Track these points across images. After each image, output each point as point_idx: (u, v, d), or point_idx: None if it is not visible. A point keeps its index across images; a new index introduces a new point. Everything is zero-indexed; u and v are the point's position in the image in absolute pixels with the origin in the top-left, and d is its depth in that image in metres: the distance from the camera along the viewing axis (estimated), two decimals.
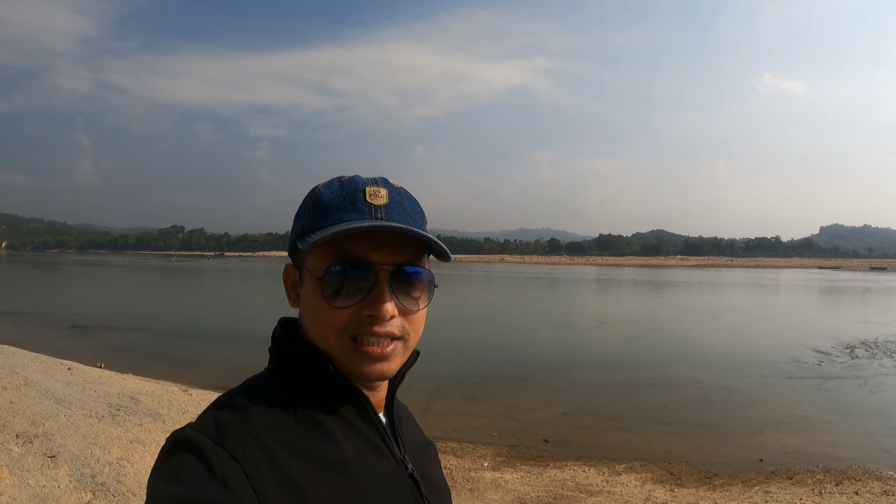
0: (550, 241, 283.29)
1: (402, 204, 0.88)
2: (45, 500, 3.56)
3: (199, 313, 24.76)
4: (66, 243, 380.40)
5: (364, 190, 0.86)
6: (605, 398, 10.89)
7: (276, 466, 0.73)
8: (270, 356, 0.92)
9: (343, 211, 0.85)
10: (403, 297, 0.86)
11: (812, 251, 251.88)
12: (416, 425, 1.06)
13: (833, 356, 15.32)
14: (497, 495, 6.19)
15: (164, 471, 0.71)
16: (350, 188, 0.87)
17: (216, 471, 0.69)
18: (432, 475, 0.97)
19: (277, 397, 0.82)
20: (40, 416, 4.96)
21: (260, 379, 0.88)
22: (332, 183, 0.89)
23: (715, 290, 49.41)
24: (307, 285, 0.86)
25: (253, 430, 0.75)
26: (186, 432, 0.75)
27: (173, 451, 0.73)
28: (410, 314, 0.87)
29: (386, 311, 0.83)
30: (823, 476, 6.90)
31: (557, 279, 65.17)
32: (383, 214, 0.85)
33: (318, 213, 0.86)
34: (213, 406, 0.82)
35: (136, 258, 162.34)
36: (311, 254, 0.85)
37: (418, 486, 0.89)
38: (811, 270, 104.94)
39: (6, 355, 7.59)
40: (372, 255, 0.83)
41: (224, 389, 4.31)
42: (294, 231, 0.90)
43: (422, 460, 0.95)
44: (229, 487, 0.68)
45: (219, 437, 0.73)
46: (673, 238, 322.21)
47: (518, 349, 16.55)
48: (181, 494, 0.67)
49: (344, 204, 0.85)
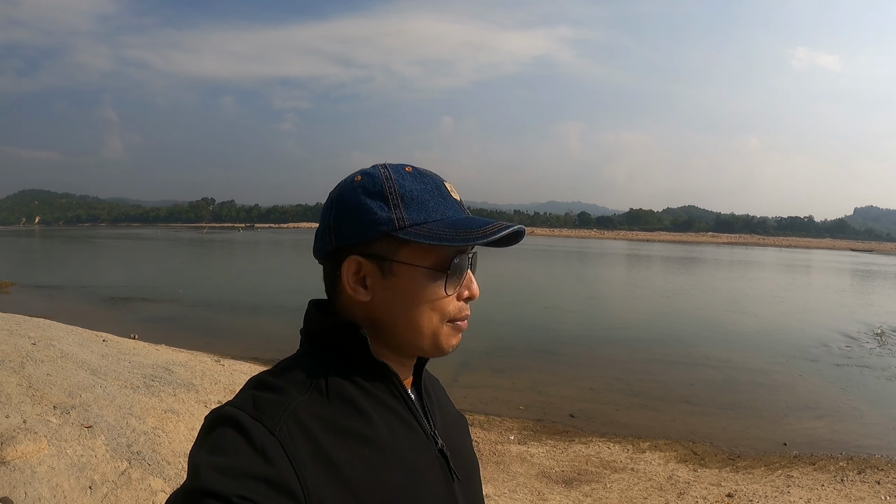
0: (580, 215, 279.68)
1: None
2: (82, 468, 3.67)
3: (230, 285, 25.13)
4: (99, 217, 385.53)
5: (444, 184, 0.91)
6: (632, 375, 10.88)
7: (312, 442, 0.75)
8: (302, 338, 0.93)
9: (439, 205, 0.88)
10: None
11: (845, 232, 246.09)
12: (447, 399, 1.08)
13: (862, 342, 15.03)
14: (522, 468, 6.25)
15: (206, 444, 0.73)
16: (431, 181, 0.90)
17: (256, 444, 0.71)
18: (462, 450, 0.98)
19: (312, 377, 0.84)
20: (77, 387, 5.10)
21: (294, 360, 0.89)
22: (402, 173, 0.89)
23: (746, 268, 48.71)
24: (406, 277, 0.87)
25: (290, 407, 0.77)
26: (227, 409, 0.77)
27: (214, 427, 0.75)
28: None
29: (477, 292, 0.92)
30: (846, 463, 6.84)
31: (587, 253, 64.79)
32: (464, 209, 0.91)
33: (414, 206, 0.86)
34: (250, 386, 0.84)
35: (167, 230, 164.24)
36: (410, 246, 0.86)
37: (447, 461, 0.91)
38: (844, 252, 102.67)
39: (42, 328, 7.79)
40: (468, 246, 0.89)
41: (255, 360, 4.39)
42: (376, 223, 0.86)
43: (452, 435, 0.97)
44: (269, 460, 0.70)
45: (258, 413, 0.76)
46: (704, 214, 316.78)
47: (546, 324, 16.57)
48: (223, 464, 0.69)
49: (435, 198, 0.88)
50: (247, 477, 0.68)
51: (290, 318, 15.83)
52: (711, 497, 5.71)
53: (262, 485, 0.68)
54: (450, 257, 0.87)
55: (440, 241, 0.84)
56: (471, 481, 0.98)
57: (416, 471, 0.84)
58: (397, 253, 0.86)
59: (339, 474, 0.76)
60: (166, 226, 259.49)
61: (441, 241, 0.84)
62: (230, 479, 0.67)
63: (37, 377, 5.09)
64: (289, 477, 0.71)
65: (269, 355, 10.69)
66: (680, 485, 6.03)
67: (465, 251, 0.89)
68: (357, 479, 0.77)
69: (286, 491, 0.70)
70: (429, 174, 0.91)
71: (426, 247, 0.85)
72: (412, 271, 0.86)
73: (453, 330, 0.90)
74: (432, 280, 0.87)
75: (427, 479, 0.86)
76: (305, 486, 0.71)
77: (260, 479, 0.69)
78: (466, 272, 0.91)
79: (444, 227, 0.85)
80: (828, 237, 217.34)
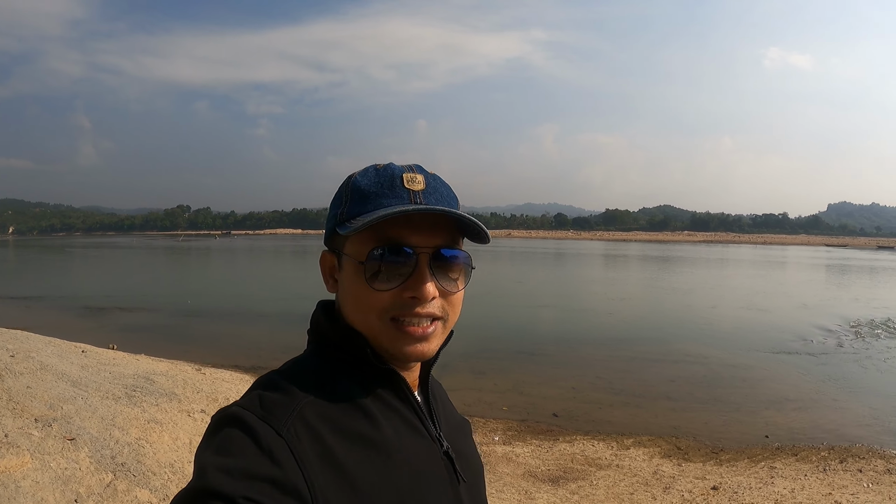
0: (557, 216, 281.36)
1: (438, 189, 0.91)
2: (67, 482, 3.62)
3: (208, 292, 24.94)
4: (73, 226, 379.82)
5: (401, 176, 0.89)
6: (613, 373, 10.98)
7: (319, 443, 0.76)
8: (309, 339, 0.94)
9: (382, 197, 0.87)
10: (443, 279, 0.88)
11: (820, 228, 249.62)
12: (450, 403, 1.10)
13: (839, 335, 15.29)
14: (508, 468, 6.27)
15: (212, 444, 0.74)
16: (387, 175, 0.89)
17: (263, 445, 0.72)
18: (466, 452, 0.99)
19: (318, 378, 0.85)
20: (58, 399, 5.03)
21: (301, 361, 0.90)
22: (367, 171, 0.92)
23: (722, 266, 49.31)
24: (347, 270, 0.89)
25: (297, 408, 0.78)
26: (233, 409, 0.78)
27: (220, 427, 0.76)
28: (449, 295, 0.90)
29: (428, 293, 0.86)
30: (828, 453, 6.95)
31: (564, 254, 65.18)
32: (421, 199, 0.88)
33: (356, 200, 0.88)
34: (256, 386, 0.84)
35: (143, 239, 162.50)
36: (352, 240, 0.87)
37: (453, 464, 0.92)
38: (818, 248, 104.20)
39: (20, 340, 7.67)
40: (412, 239, 0.86)
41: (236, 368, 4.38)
42: (331, 219, 0.92)
43: (456, 438, 0.98)
44: (275, 461, 0.71)
45: (264, 414, 0.76)
46: (680, 213, 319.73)
47: (525, 324, 16.68)
48: (230, 465, 0.69)
49: (382, 190, 0.88)
50: (253, 478, 0.69)
51: (270, 325, 15.87)
52: (697, 490, 5.77)
53: (268, 486, 0.69)
54: (368, 248, 0.86)
55: (350, 230, 0.85)
56: (476, 484, 0.99)
57: (422, 473, 0.85)
58: (344, 246, 0.89)
59: (346, 476, 0.76)
60: (142, 234, 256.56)
61: (348, 230, 0.86)
62: (236, 481, 0.68)
63: (17, 390, 5.00)
64: (296, 478, 0.71)
65: (250, 363, 10.63)
66: (665, 479, 6.09)
67: (396, 242, 0.86)
68: (364, 480, 0.77)
69: (293, 492, 0.70)
70: (394, 169, 0.91)
71: (359, 238, 0.86)
72: (349, 263, 0.88)
73: (397, 331, 0.87)
74: (359, 273, 0.87)
75: (433, 481, 0.87)
76: (312, 487, 0.72)
77: (266, 481, 0.69)
78: (407, 268, 0.86)
79: (368, 217, 0.85)
80: (802, 233, 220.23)
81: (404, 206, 0.85)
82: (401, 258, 0.86)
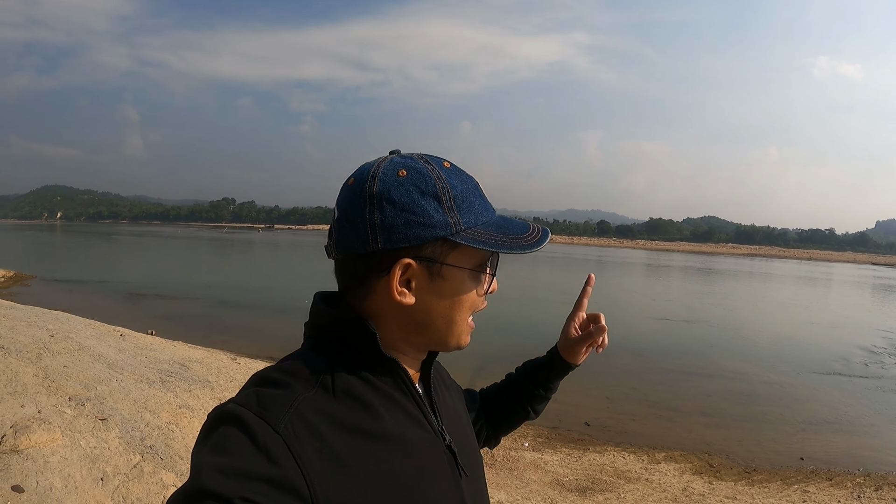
0: (600, 223, 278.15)
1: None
2: (95, 460, 3.68)
3: (248, 285, 25.31)
4: (120, 214, 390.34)
5: (478, 183, 0.92)
6: (649, 385, 10.82)
7: (318, 440, 0.74)
8: (306, 332, 0.92)
9: (482, 206, 0.89)
10: None
11: (867, 246, 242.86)
12: (449, 378, 1.10)
13: (882, 357, 14.83)
14: (536, 475, 6.20)
15: (209, 442, 0.71)
16: (470, 180, 0.90)
17: (260, 443, 0.70)
18: (468, 445, 0.98)
19: (317, 372, 0.82)
20: (93, 380, 5.12)
21: (299, 355, 0.87)
22: (449, 172, 0.87)
23: (765, 280, 48.31)
24: (454, 278, 0.86)
25: (294, 404, 0.75)
26: (230, 407, 0.75)
27: (217, 425, 0.73)
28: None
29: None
30: (863, 480, 6.74)
31: (606, 262, 64.44)
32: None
33: (464, 209, 0.86)
34: (253, 382, 0.82)
35: (187, 229, 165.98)
36: (459, 249, 0.85)
37: (455, 458, 0.90)
38: (865, 266, 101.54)
39: (61, 321, 7.84)
40: None
41: (271, 359, 4.40)
42: (435, 226, 0.83)
43: (457, 429, 0.96)
44: (272, 459, 0.69)
45: (261, 411, 0.73)
46: (724, 225, 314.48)
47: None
48: (226, 464, 0.67)
49: (479, 198, 0.89)
50: (250, 478, 0.67)
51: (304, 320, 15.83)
52: None
53: (265, 486, 0.67)
54: (488, 257, 0.89)
55: (498, 247, 0.85)
56: (477, 478, 0.98)
57: (425, 466, 0.84)
58: (447, 256, 0.85)
59: (347, 471, 0.74)
60: (187, 224, 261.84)
61: (499, 248, 0.85)
62: (232, 481, 0.66)
63: (53, 368, 5.11)
64: (294, 476, 0.69)
65: (284, 355, 10.70)
66: (695, 497, 5.95)
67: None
68: (365, 475, 0.76)
69: (291, 491, 0.68)
70: (463, 171, 0.91)
71: (472, 249, 0.85)
72: (459, 274, 0.87)
73: (468, 326, 0.91)
74: (474, 281, 0.88)
75: (435, 474, 0.85)
76: (311, 485, 0.70)
77: (263, 480, 0.67)
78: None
79: (492, 230, 0.87)
80: (849, 250, 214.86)
81: (532, 231, 0.91)
82: (496, 262, 0.93)
